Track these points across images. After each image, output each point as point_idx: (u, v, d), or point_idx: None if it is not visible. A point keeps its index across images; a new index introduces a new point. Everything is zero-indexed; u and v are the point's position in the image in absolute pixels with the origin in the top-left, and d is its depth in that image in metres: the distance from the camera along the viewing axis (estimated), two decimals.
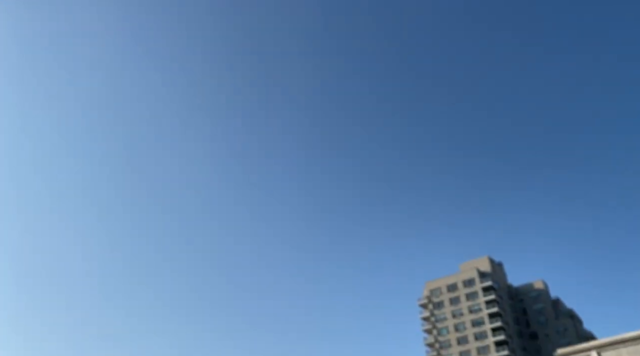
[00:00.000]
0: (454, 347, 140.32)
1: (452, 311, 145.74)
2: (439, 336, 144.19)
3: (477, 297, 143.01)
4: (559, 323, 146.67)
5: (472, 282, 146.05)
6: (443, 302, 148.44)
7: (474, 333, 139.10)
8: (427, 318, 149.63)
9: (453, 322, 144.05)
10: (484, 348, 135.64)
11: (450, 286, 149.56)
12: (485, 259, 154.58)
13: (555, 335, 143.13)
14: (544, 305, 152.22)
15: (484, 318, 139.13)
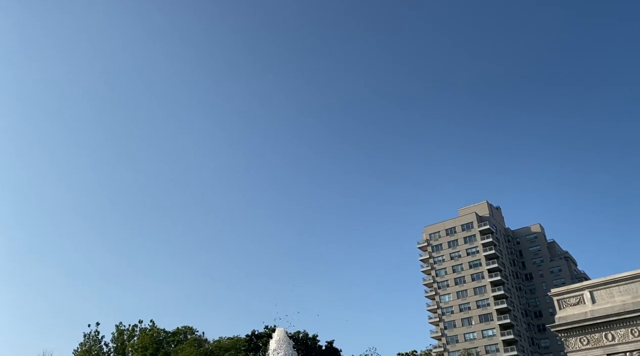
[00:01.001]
0: (452, 287, 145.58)
1: (450, 253, 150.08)
2: (437, 277, 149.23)
3: (475, 240, 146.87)
4: (554, 264, 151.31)
5: (470, 226, 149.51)
6: (441, 245, 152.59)
7: (471, 274, 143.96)
8: (425, 260, 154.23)
9: (451, 264, 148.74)
10: (481, 288, 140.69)
11: (448, 230, 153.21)
12: (484, 204, 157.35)
13: (550, 275, 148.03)
14: (540, 247, 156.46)
15: (480, 260, 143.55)
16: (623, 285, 43.09)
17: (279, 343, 24.07)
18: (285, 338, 24.29)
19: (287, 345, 24.13)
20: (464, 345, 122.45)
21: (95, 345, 72.49)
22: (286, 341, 24.16)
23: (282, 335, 24.66)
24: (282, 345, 23.69)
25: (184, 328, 72.51)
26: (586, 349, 42.53)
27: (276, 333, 25.21)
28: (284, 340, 23.82)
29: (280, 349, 23.56)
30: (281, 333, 24.82)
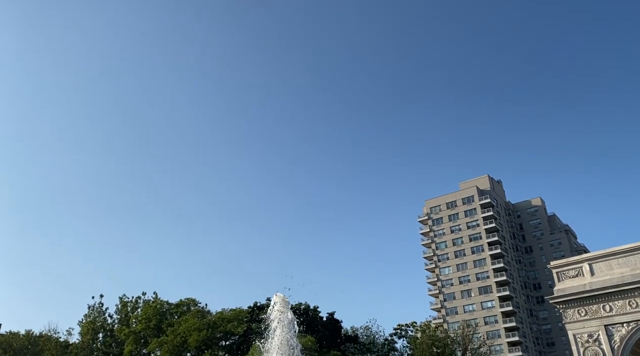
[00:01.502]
0: (452, 260, 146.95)
1: (451, 227, 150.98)
2: (437, 251, 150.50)
3: (476, 214, 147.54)
4: (554, 237, 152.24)
5: (471, 199, 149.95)
6: (442, 219, 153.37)
7: (471, 247, 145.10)
8: (426, 233, 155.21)
9: (451, 237, 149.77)
10: (480, 261, 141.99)
11: (449, 204, 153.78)
12: (485, 178, 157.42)
13: (550, 248, 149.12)
14: (540, 220, 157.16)
15: (481, 233, 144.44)
16: (622, 258, 43.38)
17: (279, 308, 23.81)
18: (284, 303, 24.14)
19: (287, 309, 23.98)
20: (463, 316, 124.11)
21: (99, 317, 73.74)
22: (286, 306, 24.00)
23: (281, 300, 24.52)
24: (282, 310, 23.55)
25: (187, 300, 73.49)
26: (584, 320, 43.09)
27: (274, 299, 25.11)
28: (283, 305, 23.65)
29: (281, 314, 23.45)
30: (280, 298, 24.69)
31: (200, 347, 63.83)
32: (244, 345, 60.68)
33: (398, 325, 72.51)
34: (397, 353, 68.94)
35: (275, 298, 24.23)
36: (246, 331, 64.14)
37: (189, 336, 62.20)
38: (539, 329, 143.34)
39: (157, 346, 64.66)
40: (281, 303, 23.56)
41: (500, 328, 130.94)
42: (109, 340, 71.92)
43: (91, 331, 71.64)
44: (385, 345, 68.97)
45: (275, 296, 24.33)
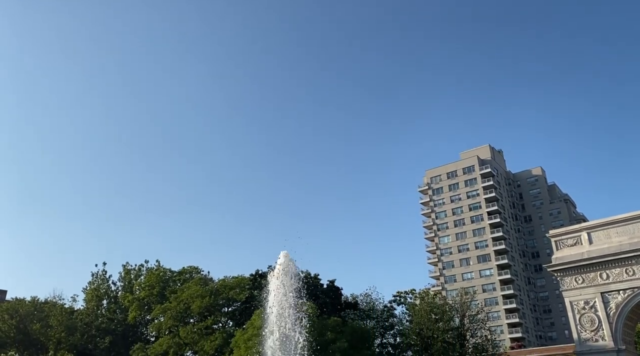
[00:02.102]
0: (451, 229, 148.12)
1: (451, 196, 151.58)
2: (437, 220, 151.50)
3: (476, 183, 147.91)
4: (553, 207, 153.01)
5: (471, 169, 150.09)
6: (442, 188, 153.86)
7: (470, 217, 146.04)
8: (426, 203, 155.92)
9: (451, 207, 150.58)
10: (480, 230, 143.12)
11: (450, 174, 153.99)
12: (486, 147, 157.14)
13: (549, 217, 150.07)
14: (540, 190, 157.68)
15: (481, 202, 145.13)
16: (620, 226, 43.75)
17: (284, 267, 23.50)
18: (290, 262, 23.82)
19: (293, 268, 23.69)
20: (462, 284, 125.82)
21: (103, 284, 74.84)
22: (291, 265, 23.74)
23: (287, 259, 24.14)
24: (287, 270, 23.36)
25: (189, 268, 74.30)
26: (580, 287, 43.80)
27: (281, 257, 24.71)
28: (288, 263, 23.43)
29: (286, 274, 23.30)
30: (286, 256, 24.33)
31: (203, 313, 64.95)
32: (246, 311, 61.70)
33: (397, 292, 73.44)
34: (396, 320, 70.04)
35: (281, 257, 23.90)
36: (248, 298, 65.07)
37: (192, 302, 63.21)
38: (536, 296, 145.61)
39: (161, 313, 65.78)
40: (287, 261, 23.21)
41: (498, 296, 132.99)
42: (113, 307, 73.16)
43: (95, 298, 72.84)
44: (385, 311, 70.03)
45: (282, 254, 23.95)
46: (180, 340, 62.33)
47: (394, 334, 68.93)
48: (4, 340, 65.48)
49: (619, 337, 40.79)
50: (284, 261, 23.37)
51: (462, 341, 61.89)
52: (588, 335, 42.06)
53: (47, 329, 65.75)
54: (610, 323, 41.25)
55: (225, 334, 61.94)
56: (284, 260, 23.41)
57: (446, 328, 61.23)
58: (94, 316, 69.67)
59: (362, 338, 55.73)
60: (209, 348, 60.07)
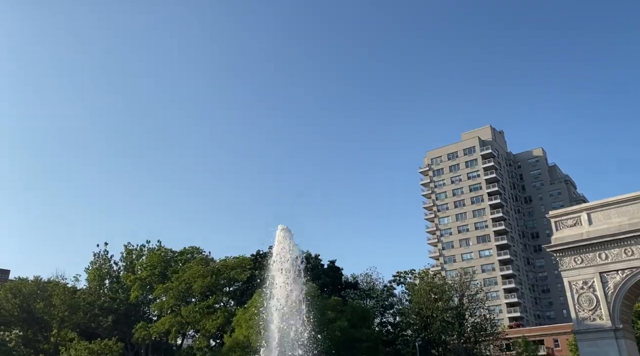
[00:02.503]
0: (451, 210, 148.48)
1: (451, 177, 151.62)
2: (437, 201, 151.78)
3: (476, 164, 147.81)
4: (554, 187, 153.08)
5: (472, 150, 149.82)
6: (442, 169, 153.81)
7: (470, 198, 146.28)
8: (426, 184, 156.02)
9: (451, 188, 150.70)
10: (480, 211, 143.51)
11: (450, 155, 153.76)
12: (487, 128, 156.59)
13: (549, 198, 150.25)
14: (541, 171, 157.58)
15: (481, 183, 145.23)
16: (621, 207, 43.80)
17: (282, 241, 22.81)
18: (288, 235, 23.26)
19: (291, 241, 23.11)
20: (461, 264, 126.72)
21: (105, 264, 75.34)
22: (289, 238, 23.16)
23: (284, 232, 23.22)
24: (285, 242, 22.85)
25: (190, 249, 74.67)
26: (579, 268, 44.03)
27: (278, 231, 23.56)
28: (286, 237, 22.96)
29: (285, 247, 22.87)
30: (284, 230, 23.38)
31: (205, 293, 65.55)
32: (248, 291, 62.29)
33: (397, 273, 74.10)
34: (395, 299, 70.79)
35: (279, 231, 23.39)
36: (249, 278, 65.65)
37: (193, 282, 63.73)
38: (535, 276, 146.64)
39: (163, 292, 66.35)
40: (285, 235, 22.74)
41: (497, 276, 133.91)
42: (115, 286, 73.78)
43: (98, 277, 73.39)
44: (385, 291, 70.73)
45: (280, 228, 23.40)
46: (182, 318, 63.00)
47: (394, 313, 69.76)
48: (8, 318, 66.20)
49: (616, 316, 41.16)
50: (281, 235, 22.95)
51: (461, 321, 62.67)
52: (586, 314, 42.44)
53: (50, 308, 66.39)
54: (608, 302, 41.58)
55: (227, 313, 62.60)
56: (282, 234, 23.01)
57: (445, 307, 61.95)
58: (96, 295, 70.26)
59: (362, 317, 56.40)
60: (211, 326, 60.77)
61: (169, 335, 66.94)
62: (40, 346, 65.29)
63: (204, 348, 61.54)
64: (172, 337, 68.40)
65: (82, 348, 53.76)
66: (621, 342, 40.34)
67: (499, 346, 69.57)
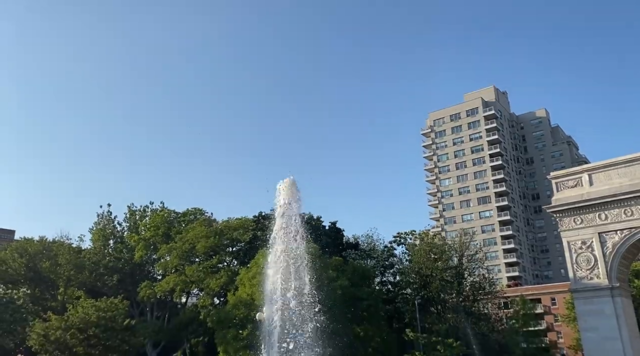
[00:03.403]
0: (452, 172, 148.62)
1: (453, 139, 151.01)
2: (439, 163, 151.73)
3: (479, 126, 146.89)
4: (556, 148, 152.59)
5: (475, 111, 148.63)
6: (445, 131, 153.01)
7: (472, 159, 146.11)
8: (428, 146, 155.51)
9: (453, 149, 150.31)
10: (481, 172, 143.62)
11: (453, 116, 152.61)
12: (490, 89, 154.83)
13: (551, 159, 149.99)
14: (543, 132, 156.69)
15: (483, 145, 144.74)
16: (622, 168, 43.76)
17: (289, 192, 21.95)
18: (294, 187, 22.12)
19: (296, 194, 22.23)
20: (461, 225, 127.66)
21: (109, 224, 76.00)
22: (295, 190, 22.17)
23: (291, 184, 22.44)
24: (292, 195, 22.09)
25: (193, 210, 75.11)
26: (579, 228, 44.41)
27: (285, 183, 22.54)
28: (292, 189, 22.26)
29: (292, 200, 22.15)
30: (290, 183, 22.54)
31: (208, 253, 66.42)
32: (250, 251, 63.06)
33: (397, 233, 74.67)
34: (395, 259, 71.58)
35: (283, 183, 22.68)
36: (252, 239, 66.31)
37: (196, 243, 64.50)
38: (534, 237, 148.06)
39: (167, 252, 67.25)
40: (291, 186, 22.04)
41: (497, 236, 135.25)
42: (119, 246, 74.65)
43: (102, 238, 74.15)
44: (385, 251, 71.46)
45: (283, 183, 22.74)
46: (187, 277, 64.09)
47: (394, 273, 70.72)
48: (15, 277, 67.40)
49: (613, 275, 41.80)
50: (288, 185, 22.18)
51: (460, 280, 63.64)
52: (583, 274, 43.06)
53: (56, 267, 67.44)
54: (606, 262, 42.14)
55: (230, 272, 63.59)
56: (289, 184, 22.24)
57: (445, 267, 62.79)
58: (101, 255, 71.18)
59: (362, 277, 57.26)
60: (215, 285, 61.87)
61: (174, 294, 68.23)
62: (48, 304, 66.72)
63: (208, 306, 62.85)
64: (176, 295, 69.75)
65: (88, 305, 54.96)
66: (617, 300, 41.11)
67: (497, 304, 70.92)
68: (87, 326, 52.86)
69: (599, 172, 45.04)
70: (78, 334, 52.54)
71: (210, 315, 58.30)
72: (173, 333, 66.39)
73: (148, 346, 65.92)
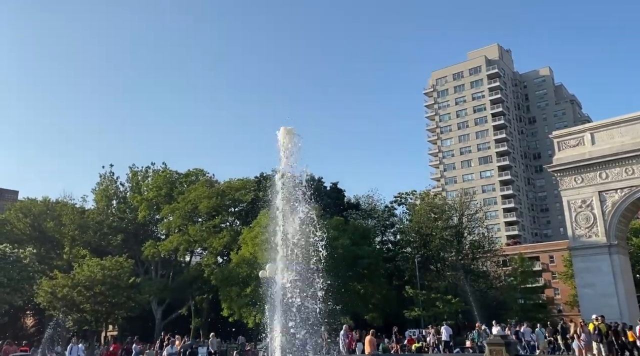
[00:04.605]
0: (454, 132, 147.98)
1: (456, 98, 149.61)
2: (440, 123, 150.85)
3: (482, 84, 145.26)
4: (559, 107, 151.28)
5: (478, 70, 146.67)
6: (447, 90, 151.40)
7: (474, 119, 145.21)
8: (430, 106, 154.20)
9: (455, 109, 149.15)
10: (483, 132, 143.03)
11: (456, 75, 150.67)
12: (494, 46, 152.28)
13: (553, 119, 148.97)
14: (547, 90, 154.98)
15: (485, 104, 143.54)
16: (624, 126, 43.61)
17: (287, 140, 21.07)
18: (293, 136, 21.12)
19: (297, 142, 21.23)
20: (462, 185, 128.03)
21: (111, 185, 76.38)
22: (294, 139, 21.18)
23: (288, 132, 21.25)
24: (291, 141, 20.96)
25: (195, 170, 75.31)
26: (579, 187, 44.66)
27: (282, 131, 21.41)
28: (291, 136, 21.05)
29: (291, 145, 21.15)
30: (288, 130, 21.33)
31: (211, 213, 67.03)
32: (252, 211, 63.63)
33: (398, 194, 75.05)
34: (396, 219, 72.18)
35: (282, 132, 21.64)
36: (254, 200, 66.79)
37: (199, 203, 64.99)
38: (534, 196, 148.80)
39: (170, 212, 67.85)
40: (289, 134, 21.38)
41: (497, 196, 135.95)
42: (122, 207, 75.24)
43: (105, 198, 74.64)
44: (386, 211, 72.00)
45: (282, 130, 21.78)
46: (190, 237, 64.93)
47: (394, 232, 71.49)
48: (21, 237, 68.29)
49: (612, 233, 42.30)
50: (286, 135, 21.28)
51: (460, 239, 64.41)
52: (582, 232, 43.57)
53: (60, 227, 68.20)
54: (605, 220, 42.57)
55: (233, 232, 64.38)
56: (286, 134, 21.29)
57: (445, 226, 63.41)
58: (104, 215, 71.84)
59: (363, 236, 57.96)
60: (218, 244, 62.77)
61: (178, 253, 69.29)
62: (54, 262, 67.87)
63: (212, 264, 63.94)
64: (180, 254, 70.84)
65: (94, 264, 55.92)
66: (614, 257, 41.78)
67: (495, 262, 72.01)
68: (93, 284, 53.97)
69: (601, 130, 44.92)
70: (85, 291, 53.72)
71: (214, 273, 59.41)
72: (178, 290, 67.81)
73: (153, 303, 67.44)
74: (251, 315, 49.64)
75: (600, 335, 27.72)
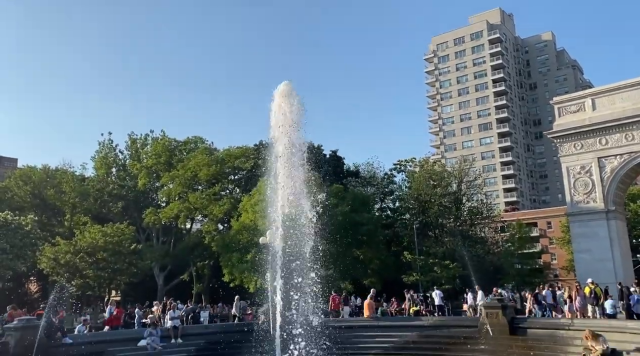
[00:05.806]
0: (454, 98, 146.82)
1: (457, 64, 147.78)
2: (441, 89, 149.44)
3: (483, 50, 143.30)
4: (560, 73, 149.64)
5: (479, 35, 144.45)
6: (448, 56, 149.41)
7: (475, 85, 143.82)
8: (431, 72, 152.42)
9: (456, 75, 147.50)
10: (483, 99, 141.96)
11: (457, 40, 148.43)
12: (496, 10, 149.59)
13: (554, 84, 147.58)
14: (548, 56, 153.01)
15: (486, 70, 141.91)
16: (626, 92, 43.28)
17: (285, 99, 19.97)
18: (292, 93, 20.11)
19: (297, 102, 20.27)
20: (462, 152, 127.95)
21: (110, 153, 76.10)
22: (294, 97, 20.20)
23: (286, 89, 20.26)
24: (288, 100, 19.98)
25: (194, 138, 74.94)
26: (578, 153, 44.65)
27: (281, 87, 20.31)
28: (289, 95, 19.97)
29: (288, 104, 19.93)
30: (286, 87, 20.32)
31: (211, 181, 67.11)
32: (252, 179, 63.73)
33: (398, 161, 75.10)
34: (395, 186, 72.42)
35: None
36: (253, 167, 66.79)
37: (198, 171, 64.97)
38: (534, 163, 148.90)
39: (169, 180, 67.87)
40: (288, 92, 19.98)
41: (497, 163, 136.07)
42: (122, 174, 75.15)
43: (104, 165, 74.44)
44: (385, 178, 72.15)
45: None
46: (190, 204, 65.20)
47: (393, 199, 71.82)
48: (21, 204, 68.48)
49: (610, 199, 42.53)
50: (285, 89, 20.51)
51: (458, 205, 64.76)
52: (580, 198, 43.79)
53: (61, 195, 68.31)
54: (604, 186, 42.72)
55: (233, 200, 64.65)
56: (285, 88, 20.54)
57: (443, 193, 63.66)
58: (104, 183, 71.84)
59: (362, 203, 58.24)
60: (218, 212, 63.10)
61: (178, 220, 69.62)
62: (56, 229, 68.24)
63: (212, 231, 64.42)
64: (181, 221, 71.18)
65: (95, 231, 56.28)
66: (612, 223, 42.11)
67: (494, 228, 72.61)
68: (95, 250, 54.48)
69: (602, 96, 44.58)
70: (87, 258, 54.28)
71: (215, 239, 59.95)
72: (179, 256, 68.51)
73: (155, 269, 68.22)
74: (252, 280, 50.37)
75: (597, 298, 28.15)
